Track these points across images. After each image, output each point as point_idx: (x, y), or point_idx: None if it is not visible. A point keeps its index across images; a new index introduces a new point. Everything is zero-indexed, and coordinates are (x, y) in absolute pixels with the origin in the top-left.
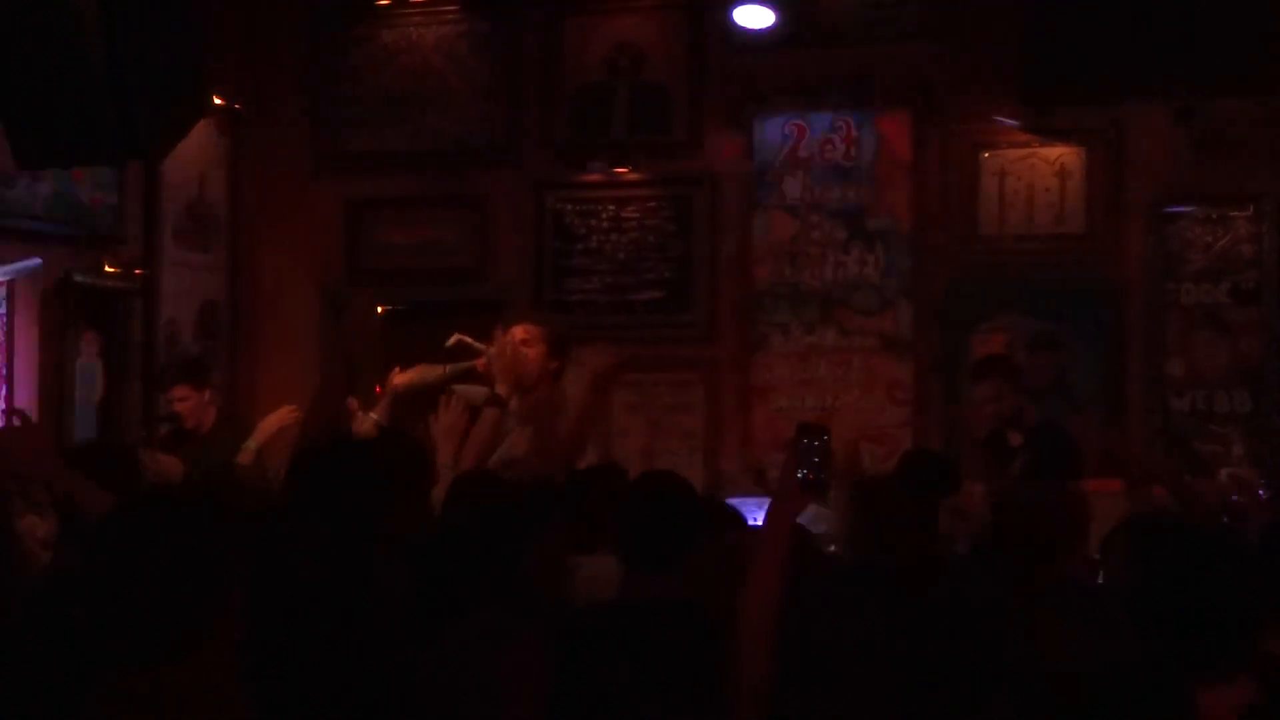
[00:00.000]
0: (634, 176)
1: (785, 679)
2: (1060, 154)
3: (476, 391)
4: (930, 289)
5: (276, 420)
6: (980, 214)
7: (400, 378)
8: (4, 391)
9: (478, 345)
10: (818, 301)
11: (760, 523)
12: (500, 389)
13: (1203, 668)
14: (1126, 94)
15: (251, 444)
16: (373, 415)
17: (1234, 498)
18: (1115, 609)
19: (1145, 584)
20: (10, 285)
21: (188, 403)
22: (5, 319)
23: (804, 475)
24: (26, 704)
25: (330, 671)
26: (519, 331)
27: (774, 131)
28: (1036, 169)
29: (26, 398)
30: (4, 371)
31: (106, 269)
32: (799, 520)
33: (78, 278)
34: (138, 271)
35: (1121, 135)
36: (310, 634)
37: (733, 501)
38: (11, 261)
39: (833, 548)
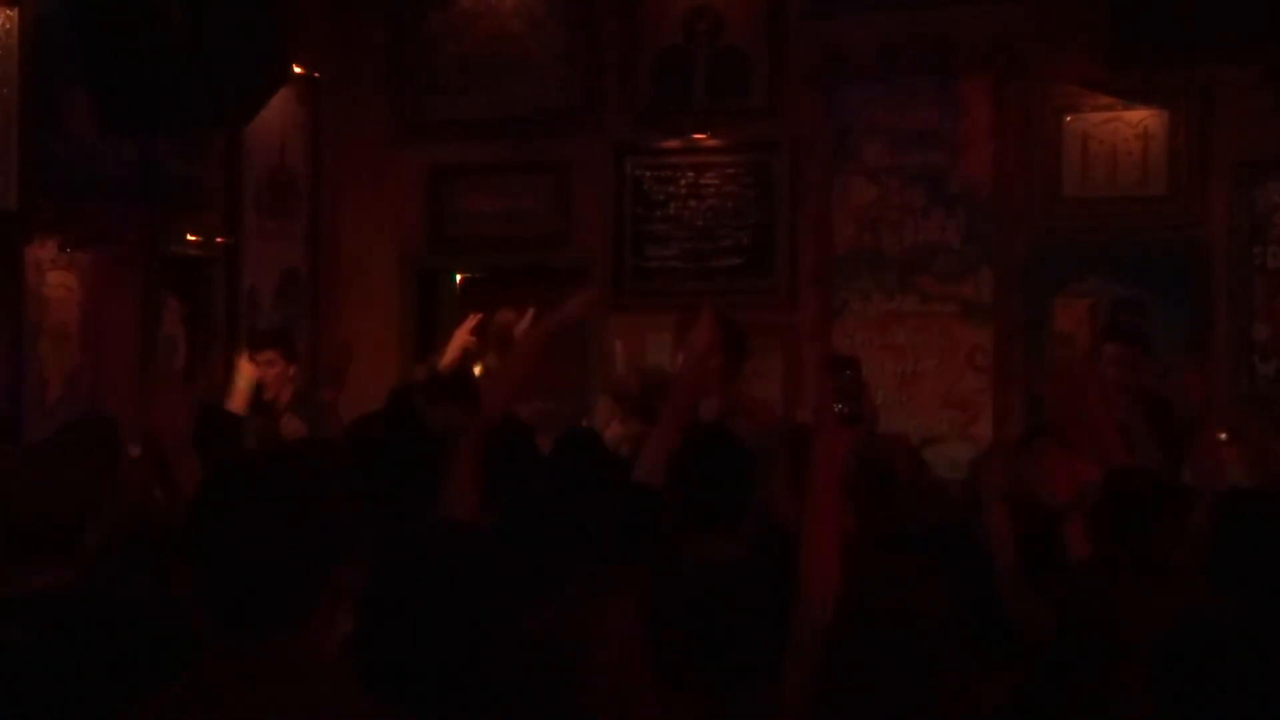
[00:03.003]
0: (713, 142)
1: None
2: (1144, 116)
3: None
4: (1012, 254)
5: None
6: (1063, 177)
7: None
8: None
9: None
10: (898, 267)
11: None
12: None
13: None
14: (1213, 54)
15: None
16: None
17: None
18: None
19: (1222, 551)
20: (94, 254)
21: (273, 369)
22: (90, 288)
23: (840, 409)
24: (125, 669)
25: (438, 636)
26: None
27: (854, 97)
28: (1120, 132)
29: (111, 366)
30: (88, 340)
31: (189, 237)
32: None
33: (160, 245)
34: (220, 239)
35: (1207, 96)
36: (418, 601)
37: None
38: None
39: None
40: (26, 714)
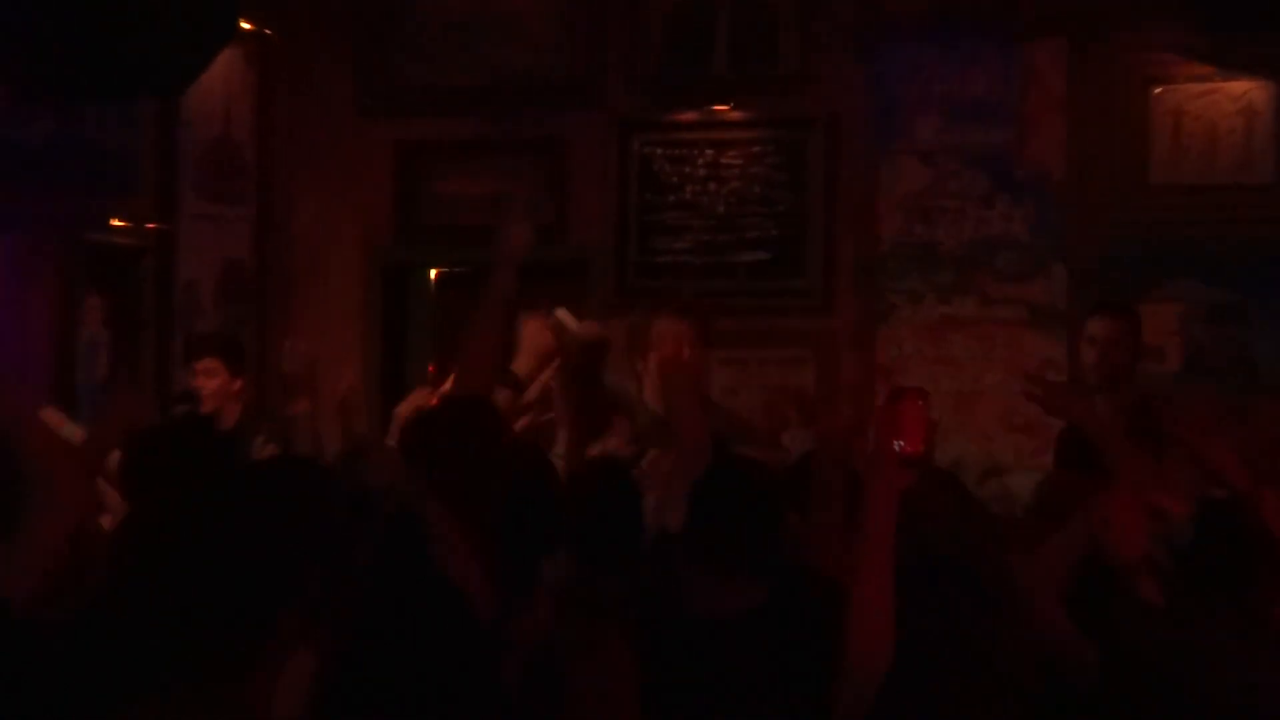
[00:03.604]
0: (736, 116)
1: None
2: (1247, 89)
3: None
4: (1088, 250)
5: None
6: (1150, 161)
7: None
8: None
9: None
10: (954, 264)
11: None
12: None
13: None
14: None
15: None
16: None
17: None
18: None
19: None
20: (6, 244)
21: (212, 379)
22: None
23: (900, 447)
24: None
25: (412, 684)
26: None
27: (903, 64)
28: (1218, 107)
29: (26, 372)
30: None
31: (114, 222)
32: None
33: (82, 233)
34: (151, 225)
35: None
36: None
37: None
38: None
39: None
40: None
